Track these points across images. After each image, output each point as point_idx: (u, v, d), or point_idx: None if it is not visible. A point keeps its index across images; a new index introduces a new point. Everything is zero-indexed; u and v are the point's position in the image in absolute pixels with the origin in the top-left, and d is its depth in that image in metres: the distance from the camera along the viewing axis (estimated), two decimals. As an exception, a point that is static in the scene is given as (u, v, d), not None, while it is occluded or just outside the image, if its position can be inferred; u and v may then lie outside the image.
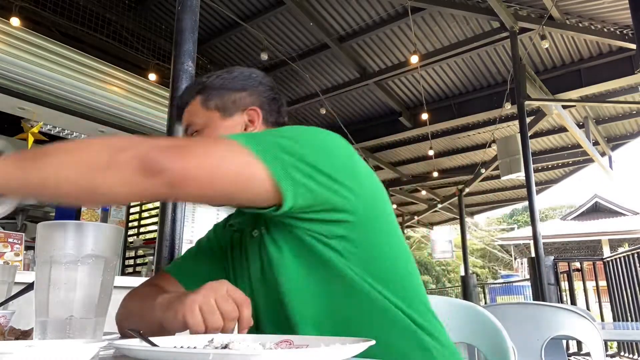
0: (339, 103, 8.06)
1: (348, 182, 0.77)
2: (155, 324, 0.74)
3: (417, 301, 0.85)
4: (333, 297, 0.80)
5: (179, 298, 0.72)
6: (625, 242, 19.66)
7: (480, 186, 10.72)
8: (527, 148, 5.39)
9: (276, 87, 1.07)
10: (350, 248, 0.79)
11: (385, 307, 0.79)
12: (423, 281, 5.05)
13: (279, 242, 0.82)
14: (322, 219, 0.77)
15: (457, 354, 0.88)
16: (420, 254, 26.29)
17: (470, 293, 9.16)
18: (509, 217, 34.16)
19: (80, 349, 0.47)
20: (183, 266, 1.05)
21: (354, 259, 0.79)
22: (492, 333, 1.15)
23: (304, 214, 0.76)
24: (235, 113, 0.99)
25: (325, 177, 0.74)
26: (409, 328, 0.80)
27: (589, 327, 1.54)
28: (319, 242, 0.78)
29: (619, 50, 5.98)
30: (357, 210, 0.78)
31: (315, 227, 0.78)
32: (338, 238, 0.78)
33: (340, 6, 6.16)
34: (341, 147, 0.80)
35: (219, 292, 0.69)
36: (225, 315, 0.68)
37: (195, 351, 0.53)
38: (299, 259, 0.81)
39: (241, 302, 0.70)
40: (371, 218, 0.81)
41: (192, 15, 1.70)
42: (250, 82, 1.03)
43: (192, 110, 1.01)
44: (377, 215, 0.82)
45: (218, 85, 1.00)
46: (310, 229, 0.78)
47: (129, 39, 6.34)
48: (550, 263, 5.62)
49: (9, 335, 0.72)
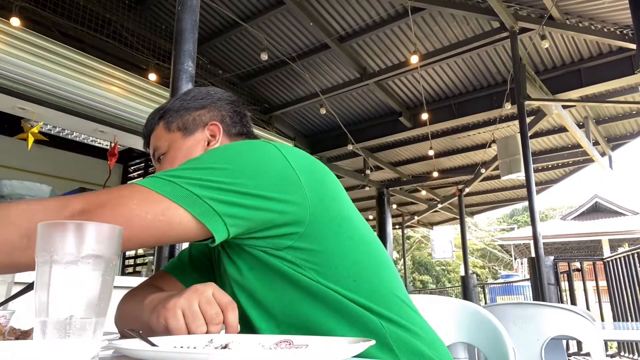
0: (339, 103, 8.06)
1: (284, 195, 0.74)
2: (147, 326, 0.74)
3: (389, 297, 0.82)
4: (294, 305, 0.78)
5: (163, 301, 0.71)
6: (625, 242, 19.67)
7: (480, 186, 10.72)
8: (527, 148, 5.39)
9: (238, 100, 1.09)
10: (302, 256, 0.77)
11: (350, 309, 0.77)
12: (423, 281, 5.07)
13: (233, 257, 0.81)
14: (265, 236, 0.75)
15: (440, 344, 0.86)
16: (420, 254, 26.30)
17: (470, 293, 9.16)
18: (509, 217, 34.18)
19: (80, 349, 0.47)
20: (180, 264, 1.06)
21: (308, 266, 0.77)
22: (492, 333, 1.15)
23: (245, 236, 0.75)
24: (196, 130, 1.00)
25: (256, 198, 0.71)
26: (380, 326, 0.78)
27: (589, 327, 1.54)
28: (270, 255, 0.77)
29: (619, 50, 5.98)
30: (302, 221, 0.76)
31: (261, 243, 0.76)
32: (288, 249, 0.76)
33: (340, 6, 6.16)
34: (272, 161, 0.76)
35: (203, 295, 0.68)
36: (209, 320, 0.66)
37: (195, 351, 0.53)
38: (254, 272, 0.79)
39: (226, 305, 0.68)
40: (320, 224, 0.77)
41: (192, 15, 1.70)
42: (208, 99, 1.04)
43: (157, 135, 1.03)
44: (328, 219, 0.79)
45: (177, 107, 1.02)
46: (256, 245, 0.77)
47: (129, 39, 6.35)
48: (550, 263, 5.62)
49: (9, 335, 0.72)
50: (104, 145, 6.97)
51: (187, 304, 0.67)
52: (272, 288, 0.79)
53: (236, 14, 6.40)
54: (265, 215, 0.73)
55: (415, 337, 0.81)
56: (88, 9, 5.89)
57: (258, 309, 0.80)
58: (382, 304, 0.80)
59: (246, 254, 0.79)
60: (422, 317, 0.89)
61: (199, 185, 0.69)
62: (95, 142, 7.01)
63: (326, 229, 0.78)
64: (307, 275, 0.77)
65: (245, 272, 0.80)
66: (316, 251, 0.77)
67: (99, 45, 5.98)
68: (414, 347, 0.80)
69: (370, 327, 0.78)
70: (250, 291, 0.80)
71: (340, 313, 0.78)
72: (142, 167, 6.65)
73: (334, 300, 0.77)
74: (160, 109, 1.05)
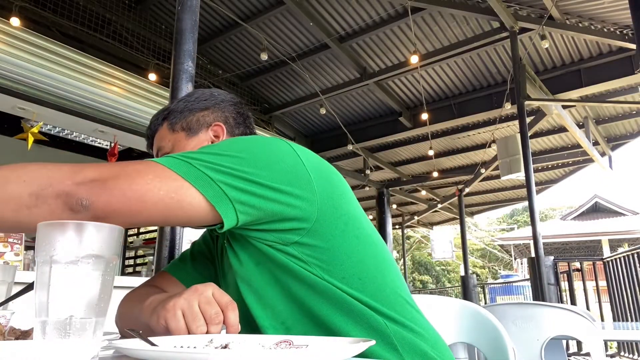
0: (339, 103, 8.06)
1: (296, 190, 0.75)
2: (147, 326, 0.74)
3: (393, 297, 0.83)
4: (299, 301, 0.79)
5: (162, 302, 0.71)
6: (625, 242, 19.67)
7: (480, 186, 10.73)
8: (527, 148, 5.39)
9: (241, 102, 1.10)
10: (308, 252, 0.77)
11: (355, 307, 0.78)
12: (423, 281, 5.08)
13: (238, 252, 0.82)
14: (273, 229, 0.76)
15: (442, 345, 0.87)
16: (420, 254, 26.30)
17: (470, 293, 9.16)
18: (509, 217, 34.18)
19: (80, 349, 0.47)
20: (181, 265, 1.06)
21: (314, 263, 0.77)
22: (492, 333, 1.15)
23: (254, 227, 0.75)
24: (200, 131, 1.02)
25: (268, 189, 0.72)
26: (385, 326, 0.79)
27: (589, 327, 1.54)
28: (276, 249, 0.77)
29: (619, 50, 5.98)
30: (309, 217, 0.76)
31: (269, 236, 0.77)
32: (294, 244, 0.77)
33: (340, 6, 6.16)
34: (285, 155, 0.77)
35: (203, 295, 0.68)
36: (209, 320, 0.66)
37: (195, 351, 0.53)
38: (259, 267, 0.80)
39: (226, 305, 0.68)
40: (327, 221, 0.78)
41: (192, 15, 1.70)
42: (212, 100, 1.05)
43: (161, 135, 1.04)
44: (335, 217, 0.80)
45: (181, 108, 1.04)
46: (263, 238, 0.77)
47: (129, 39, 6.35)
48: (550, 263, 5.62)
49: (9, 335, 0.72)
50: (104, 145, 6.96)
51: (187, 304, 0.67)
52: (278, 284, 0.79)
53: (236, 14, 6.40)
54: (275, 207, 0.73)
55: (419, 337, 0.82)
56: (88, 8, 5.89)
57: (262, 305, 0.81)
58: (387, 304, 0.81)
59: (252, 248, 0.79)
60: (425, 317, 0.89)
61: (214, 169, 0.70)
62: (95, 142, 7.00)
63: (333, 227, 0.79)
64: (312, 272, 0.77)
65: (251, 268, 0.80)
66: (322, 248, 0.78)
67: (99, 45, 5.98)
68: (417, 347, 0.80)
69: (374, 326, 0.78)
70: (254, 287, 0.81)
71: (345, 311, 0.78)
72: (142, 167, 6.65)
73: (340, 298, 0.78)
74: (164, 110, 1.06)
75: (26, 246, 2.71)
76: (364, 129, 8.36)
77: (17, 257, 2.52)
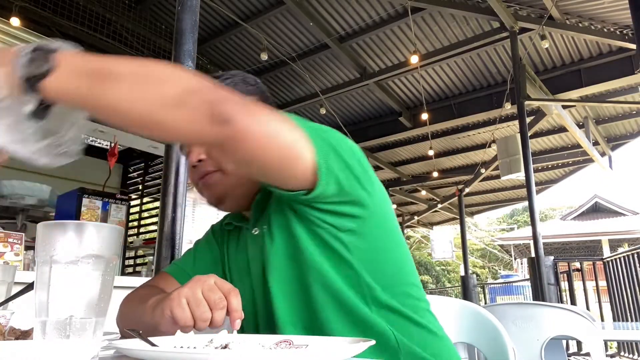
0: (339, 103, 8.06)
1: (365, 182, 0.82)
2: (150, 326, 0.74)
3: (413, 300, 0.89)
4: (317, 303, 0.83)
5: (166, 295, 0.73)
6: (625, 242, 19.67)
7: (480, 186, 10.72)
8: (527, 148, 5.39)
9: (266, 89, 1.10)
10: (357, 242, 0.83)
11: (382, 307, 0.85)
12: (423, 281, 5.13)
13: (276, 240, 0.85)
14: (339, 211, 0.80)
15: (453, 348, 0.94)
16: (420, 254, 26.29)
17: (470, 293, 9.16)
18: (509, 217, 34.17)
19: (80, 349, 0.47)
20: (183, 266, 1.06)
21: (358, 254, 0.83)
22: (492, 333, 1.15)
23: (325, 204, 0.79)
24: None
25: (351, 173, 0.79)
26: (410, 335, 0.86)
27: (589, 327, 1.54)
28: (329, 233, 0.81)
29: (619, 50, 5.98)
30: (370, 207, 0.83)
31: (329, 218, 0.81)
32: (348, 232, 0.82)
33: (340, 6, 6.16)
34: (358, 152, 0.85)
35: (205, 283, 0.69)
36: (212, 305, 0.67)
37: (195, 351, 0.53)
38: (291, 262, 0.84)
39: (228, 291, 0.69)
40: (379, 217, 0.86)
41: (192, 15, 1.70)
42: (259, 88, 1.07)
43: None
44: (384, 216, 0.88)
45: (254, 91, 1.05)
46: (324, 219, 0.81)
47: (129, 39, 6.35)
48: (550, 263, 5.62)
49: (9, 335, 0.72)
50: (104, 145, 6.96)
51: (190, 292, 0.68)
52: (302, 282, 0.84)
53: (236, 14, 6.40)
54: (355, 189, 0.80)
55: (435, 338, 0.90)
56: (88, 8, 5.89)
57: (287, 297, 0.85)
58: (417, 312, 0.88)
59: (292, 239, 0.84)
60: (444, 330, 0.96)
61: (325, 141, 0.76)
62: (95, 142, 7.00)
63: (383, 223, 0.87)
64: (355, 264, 0.83)
65: (281, 259, 0.85)
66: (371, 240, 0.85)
67: (99, 45, 5.98)
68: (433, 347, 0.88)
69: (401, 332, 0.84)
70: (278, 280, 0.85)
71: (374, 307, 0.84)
72: (142, 167, 6.64)
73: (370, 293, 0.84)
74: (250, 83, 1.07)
75: (26, 246, 2.70)
76: (363, 129, 8.35)
77: (17, 257, 2.52)
